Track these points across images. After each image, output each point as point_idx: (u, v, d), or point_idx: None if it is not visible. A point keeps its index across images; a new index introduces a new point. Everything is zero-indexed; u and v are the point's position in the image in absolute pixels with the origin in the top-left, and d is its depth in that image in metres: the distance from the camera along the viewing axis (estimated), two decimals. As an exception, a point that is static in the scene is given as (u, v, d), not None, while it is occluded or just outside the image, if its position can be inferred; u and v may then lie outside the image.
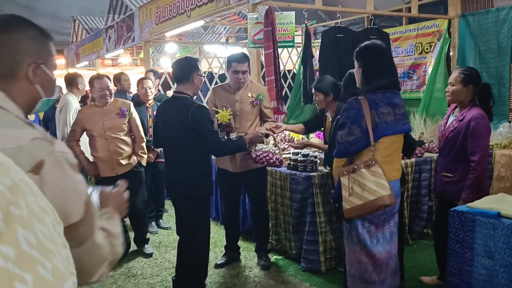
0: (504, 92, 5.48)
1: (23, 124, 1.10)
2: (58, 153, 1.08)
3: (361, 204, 2.63)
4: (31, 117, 6.98)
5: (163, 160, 3.98)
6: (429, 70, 6.32)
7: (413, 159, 4.59)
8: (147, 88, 5.10)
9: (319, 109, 4.04)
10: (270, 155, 3.70)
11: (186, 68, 3.36)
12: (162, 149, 4.06)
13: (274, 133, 3.88)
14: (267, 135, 3.82)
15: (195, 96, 3.53)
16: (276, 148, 3.79)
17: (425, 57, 6.48)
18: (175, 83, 3.55)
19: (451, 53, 6.09)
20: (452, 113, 3.42)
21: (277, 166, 3.78)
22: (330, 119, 3.85)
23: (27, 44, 1.19)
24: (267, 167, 4.12)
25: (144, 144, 4.50)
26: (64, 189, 1.07)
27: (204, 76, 3.49)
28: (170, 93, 6.47)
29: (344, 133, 2.70)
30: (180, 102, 3.33)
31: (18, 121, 1.11)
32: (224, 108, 3.70)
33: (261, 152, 3.68)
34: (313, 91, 3.92)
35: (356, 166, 2.66)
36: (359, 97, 2.73)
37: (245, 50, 6.27)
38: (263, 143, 3.79)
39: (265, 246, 4.26)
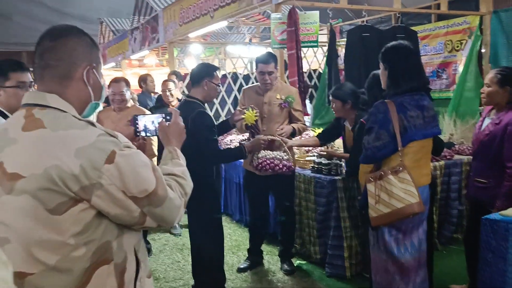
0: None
1: (84, 123, 1.29)
2: (121, 142, 1.29)
3: (389, 212, 2.53)
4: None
5: None
6: (460, 68, 6.11)
7: (442, 162, 4.43)
8: (168, 90, 5.09)
9: (335, 118, 3.93)
10: (276, 161, 3.47)
11: (199, 73, 3.38)
12: None
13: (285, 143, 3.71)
14: (272, 141, 3.66)
15: (207, 102, 3.53)
16: (285, 153, 3.57)
17: (455, 55, 6.26)
18: None
19: (482, 51, 5.87)
20: (488, 116, 3.23)
21: (286, 173, 3.56)
22: (350, 127, 3.74)
23: (83, 49, 1.37)
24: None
25: (155, 159, 4.35)
26: (135, 167, 1.28)
27: (218, 85, 3.42)
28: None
29: (371, 138, 2.59)
30: (187, 106, 3.33)
31: (79, 122, 1.29)
32: (250, 109, 3.60)
33: (263, 160, 3.46)
34: (330, 98, 3.80)
35: (383, 173, 2.55)
36: (386, 100, 2.62)
37: (269, 50, 6.20)
38: (271, 149, 3.59)
39: (290, 251, 4.18)
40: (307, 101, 6.36)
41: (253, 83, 8.19)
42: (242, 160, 4.04)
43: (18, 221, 1.22)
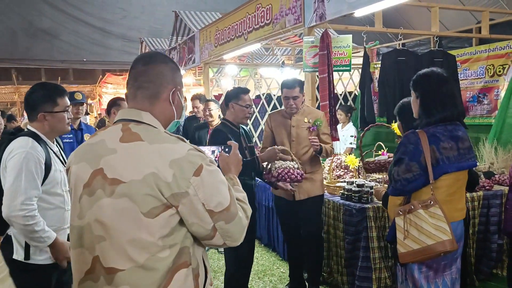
0: None
1: (175, 139, 1.46)
2: (207, 158, 1.45)
3: (418, 249, 2.38)
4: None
5: None
6: (502, 94, 5.85)
7: (480, 193, 4.21)
8: (209, 109, 5.18)
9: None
10: (291, 170, 3.51)
11: (227, 97, 3.71)
12: None
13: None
14: (284, 151, 3.63)
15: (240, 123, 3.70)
16: (295, 162, 3.58)
17: (497, 80, 6.01)
18: None
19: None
20: None
21: (299, 180, 3.55)
22: None
23: (169, 73, 1.57)
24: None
25: None
26: (216, 183, 1.43)
27: (247, 107, 3.60)
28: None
29: (401, 170, 2.46)
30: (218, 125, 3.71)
31: (170, 137, 1.46)
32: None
33: (282, 170, 3.51)
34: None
35: (413, 206, 2.42)
36: (417, 130, 2.50)
37: (302, 73, 6.15)
38: (283, 159, 3.58)
39: (318, 279, 4.03)
40: (351, 124, 6.23)
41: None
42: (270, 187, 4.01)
43: (116, 221, 1.38)
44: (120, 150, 1.42)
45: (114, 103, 3.95)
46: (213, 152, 2.08)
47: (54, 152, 2.49)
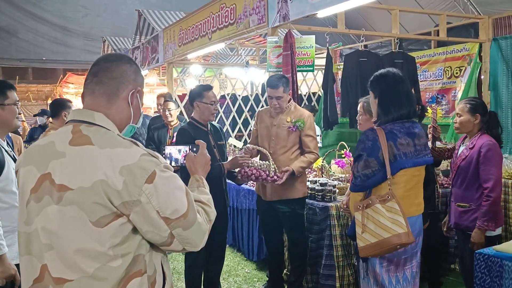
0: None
1: (128, 143, 1.39)
2: (161, 164, 1.39)
3: (375, 242, 2.43)
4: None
5: None
6: (459, 95, 6.06)
7: (439, 190, 4.33)
8: (168, 110, 5.16)
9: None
10: (261, 172, 3.51)
11: (190, 96, 3.72)
12: None
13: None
14: (263, 155, 3.65)
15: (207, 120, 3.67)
16: (272, 164, 3.55)
17: (455, 82, 6.22)
18: None
19: (482, 77, 5.83)
20: (462, 143, 3.38)
21: (267, 181, 3.54)
22: None
23: (132, 74, 1.53)
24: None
25: None
26: (171, 189, 1.37)
27: (212, 104, 3.59)
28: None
29: (361, 166, 2.52)
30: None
31: (123, 141, 1.40)
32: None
33: (248, 169, 3.50)
34: (358, 108, 3.64)
35: (370, 201, 2.47)
36: (375, 127, 2.57)
37: (266, 73, 6.18)
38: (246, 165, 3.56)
39: (300, 281, 3.94)
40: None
41: (251, 105, 8.19)
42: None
43: (64, 229, 1.33)
44: (69, 154, 1.36)
45: (64, 105, 3.82)
46: (179, 151, 2.03)
47: (5, 150, 2.42)
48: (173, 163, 2.01)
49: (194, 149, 1.88)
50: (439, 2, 9.94)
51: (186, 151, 1.93)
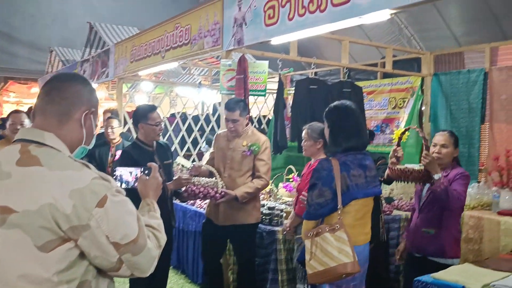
0: (473, 153, 5.50)
1: (80, 165, 1.36)
2: (113, 188, 1.36)
3: (322, 270, 2.50)
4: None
5: None
6: (402, 125, 6.34)
7: (383, 218, 4.47)
8: (111, 127, 5.08)
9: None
10: (209, 189, 3.51)
11: (134, 118, 3.66)
12: None
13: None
14: (210, 173, 3.67)
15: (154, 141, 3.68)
16: (220, 181, 3.58)
17: (398, 112, 6.51)
18: None
19: (423, 108, 6.14)
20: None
21: (216, 198, 3.53)
22: None
23: (86, 94, 1.50)
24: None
25: None
26: (122, 214, 1.35)
27: (157, 125, 3.58)
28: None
29: (315, 195, 2.61)
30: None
31: (74, 163, 1.36)
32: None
33: (195, 187, 3.51)
34: (303, 134, 3.69)
35: (320, 230, 2.55)
36: (330, 158, 2.67)
37: (219, 94, 6.20)
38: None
39: None
40: None
41: (201, 125, 8.17)
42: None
43: (7, 254, 1.27)
44: (16, 174, 1.31)
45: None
46: (131, 173, 2.00)
47: None
48: (123, 185, 1.98)
49: (146, 171, 1.85)
50: (386, 34, 10.44)
51: (138, 173, 1.91)
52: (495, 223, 4.38)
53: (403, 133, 3.21)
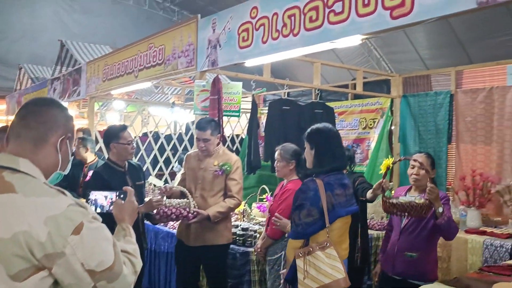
0: (441, 172, 5.65)
1: (55, 192, 1.34)
2: (90, 214, 1.35)
3: (317, 287, 2.59)
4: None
5: None
6: (372, 145, 6.48)
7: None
8: (83, 146, 5.01)
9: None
10: (181, 210, 3.48)
11: (105, 138, 3.66)
12: None
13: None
14: (182, 193, 3.65)
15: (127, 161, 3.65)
16: (192, 201, 3.55)
17: (369, 132, 6.66)
18: None
19: (392, 128, 6.29)
20: (405, 194, 3.39)
21: (189, 219, 3.50)
22: None
23: (62, 119, 1.49)
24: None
25: None
26: (98, 242, 1.33)
27: (129, 143, 3.56)
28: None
29: (303, 214, 2.70)
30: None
31: (50, 189, 1.34)
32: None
33: (167, 208, 3.46)
34: (276, 155, 3.72)
35: (311, 248, 2.65)
36: (315, 178, 2.77)
37: (192, 114, 6.21)
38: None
39: None
40: None
41: (174, 144, 8.13)
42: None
43: None
44: None
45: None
46: (106, 197, 1.99)
47: None
48: (98, 210, 1.96)
49: (122, 196, 1.84)
50: (356, 55, 10.72)
51: (113, 198, 1.91)
52: (462, 241, 4.50)
53: (395, 163, 3.31)
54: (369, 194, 3.35)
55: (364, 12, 2.96)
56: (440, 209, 2.96)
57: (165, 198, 3.61)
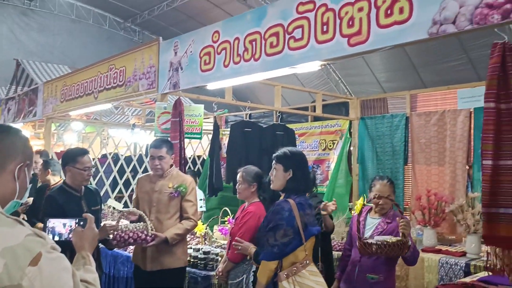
0: (398, 193, 5.79)
1: (12, 221, 1.31)
2: (48, 244, 1.31)
3: None
4: None
5: None
6: (332, 166, 6.60)
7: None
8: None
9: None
10: (139, 233, 3.41)
11: (62, 161, 3.57)
12: None
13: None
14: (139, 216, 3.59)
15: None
16: (149, 224, 3.48)
17: (328, 154, 6.78)
18: None
19: (351, 149, 6.44)
20: (365, 217, 3.43)
21: (147, 242, 3.45)
22: None
23: (21, 146, 1.46)
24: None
25: None
26: (56, 272, 1.29)
27: (85, 170, 3.45)
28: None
29: (279, 235, 2.75)
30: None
31: (7, 219, 1.31)
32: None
33: (123, 233, 3.37)
34: (238, 177, 3.69)
35: (295, 268, 2.72)
36: (288, 199, 2.83)
37: (152, 135, 6.15)
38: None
39: None
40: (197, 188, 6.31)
41: (134, 166, 8.00)
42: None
43: None
44: None
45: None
46: (64, 225, 1.94)
47: None
48: (56, 238, 1.92)
49: (81, 223, 1.82)
50: (315, 77, 10.98)
51: (72, 225, 1.88)
52: (419, 260, 4.56)
53: (369, 201, 3.37)
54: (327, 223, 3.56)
55: (323, 39, 3.07)
56: (409, 242, 3.01)
57: (121, 222, 3.54)
